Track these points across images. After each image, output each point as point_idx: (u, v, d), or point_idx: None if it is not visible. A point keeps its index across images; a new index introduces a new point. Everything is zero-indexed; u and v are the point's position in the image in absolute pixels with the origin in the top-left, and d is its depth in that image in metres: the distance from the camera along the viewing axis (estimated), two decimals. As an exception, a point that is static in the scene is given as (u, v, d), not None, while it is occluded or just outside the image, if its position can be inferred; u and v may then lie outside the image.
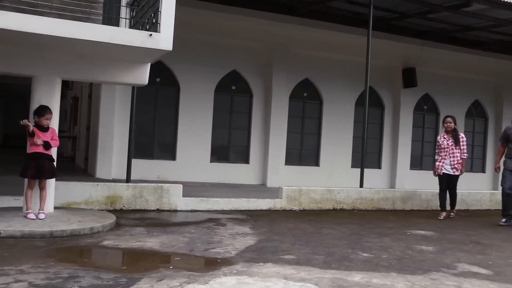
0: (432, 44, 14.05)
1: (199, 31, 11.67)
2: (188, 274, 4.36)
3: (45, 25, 5.38)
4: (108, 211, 7.49)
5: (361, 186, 10.01)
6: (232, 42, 12.28)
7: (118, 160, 10.83)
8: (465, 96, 15.49)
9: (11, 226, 5.69)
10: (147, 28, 6.10)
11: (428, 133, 15.08)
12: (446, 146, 8.95)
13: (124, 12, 6.64)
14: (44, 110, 6.29)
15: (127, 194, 7.98)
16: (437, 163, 9.07)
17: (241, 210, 8.59)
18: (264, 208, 8.85)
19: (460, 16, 11.86)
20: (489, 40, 14.24)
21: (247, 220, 7.67)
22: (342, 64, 13.47)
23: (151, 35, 5.77)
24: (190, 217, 7.74)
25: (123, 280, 4.09)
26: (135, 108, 8.88)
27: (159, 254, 5.18)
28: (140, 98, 9.95)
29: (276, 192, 9.44)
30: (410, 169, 14.57)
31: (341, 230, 7.17)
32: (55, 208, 6.72)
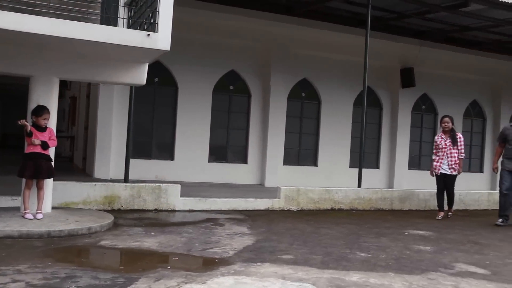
0: (430, 44, 14.06)
1: (197, 31, 11.66)
2: (186, 274, 4.36)
3: (43, 25, 5.38)
4: (106, 211, 7.49)
5: (359, 186, 10.02)
6: (230, 42, 12.28)
7: (116, 160, 10.82)
8: (463, 96, 15.50)
9: (8, 226, 5.69)
10: (145, 28, 6.10)
11: (426, 133, 15.09)
12: (443, 146, 8.95)
13: (122, 12, 6.65)
14: (42, 110, 6.28)
15: (125, 194, 7.98)
16: (434, 163, 9.06)
17: (239, 210, 8.59)
18: (262, 208, 8.86)
19: (458, 16, 11.88)
20: (487, 40, 14.27)
21: (245, 220, 7.68)
22: (340, 64, 13.47)
23: (149, 35, 5.77)
24: (188, 217, 7.74)
25: (121, 280, 4.09)
26: (133, 108, 8.88)
27: (157, 254, 5.18)
28: (138, 98, 9.94)
29: (274, 192, 9.44)
30: (408, 169, 14.56)
31: (339, 230, 7.18)
32: (53, 208, 6.73)
